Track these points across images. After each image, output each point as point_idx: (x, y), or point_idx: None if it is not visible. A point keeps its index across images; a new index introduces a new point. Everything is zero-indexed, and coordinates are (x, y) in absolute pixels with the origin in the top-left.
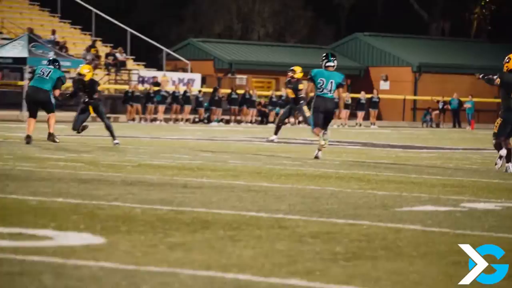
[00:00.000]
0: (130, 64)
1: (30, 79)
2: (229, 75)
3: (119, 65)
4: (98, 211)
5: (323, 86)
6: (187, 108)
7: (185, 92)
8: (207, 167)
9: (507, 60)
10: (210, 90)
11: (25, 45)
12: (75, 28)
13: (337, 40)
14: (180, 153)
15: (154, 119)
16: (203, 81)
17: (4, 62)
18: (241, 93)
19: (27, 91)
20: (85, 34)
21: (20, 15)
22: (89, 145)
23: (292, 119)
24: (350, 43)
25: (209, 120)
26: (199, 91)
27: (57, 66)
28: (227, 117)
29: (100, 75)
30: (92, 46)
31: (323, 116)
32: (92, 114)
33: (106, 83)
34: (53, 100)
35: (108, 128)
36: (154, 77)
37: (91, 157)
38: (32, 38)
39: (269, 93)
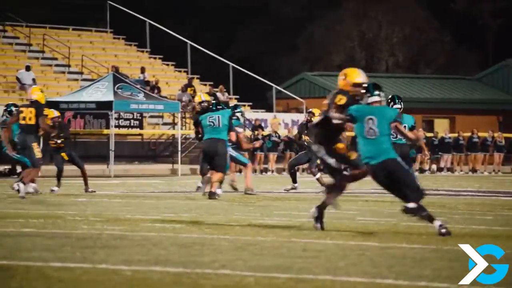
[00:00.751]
0: None
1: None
2: None
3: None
4: (203, 281)
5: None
6: None
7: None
8: (330, 226)
9: None
10: None
11: (110, 87)
12: (167, 65)
13: (484, 69)
14: (298, 210)
15: (265, 170)
16: None
17: (86, 108)
18: None
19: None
20: (179, 71)
21: (103, 51)
22: (188, 203)
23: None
24: (500, 72)
25: None
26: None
27: (221, 108)
28: None
29: None
30: (189, 85)
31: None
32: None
33: None
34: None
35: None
36: (256, 120)
37: (192, 217)
38: (118, 78)
39: None
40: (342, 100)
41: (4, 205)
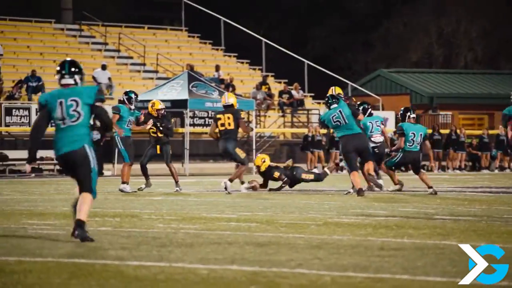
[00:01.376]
0: (309, 103)
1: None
2: (430, 111)
3: (296, 105)
4: (280, 280)
5: (414, 139)
6: None
7: None
8: (407, 224)
9: None
10: None
11: (185, 85)
12: (242, 63)
13: None
14: (374, 208)
15: (341, 168)
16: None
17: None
18: (445, 133)
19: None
20: (254, 69)
21: (178, 49)
22: (263, 201)
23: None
24: None
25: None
26: (394, 133)
27: (336, 102)
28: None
29: (273, 117)
30: (263, 83)
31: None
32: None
33: (281, 126)
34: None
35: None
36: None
37: (267, 215)
38: (193, 76)
39: (480, 132)
40: None
41: None
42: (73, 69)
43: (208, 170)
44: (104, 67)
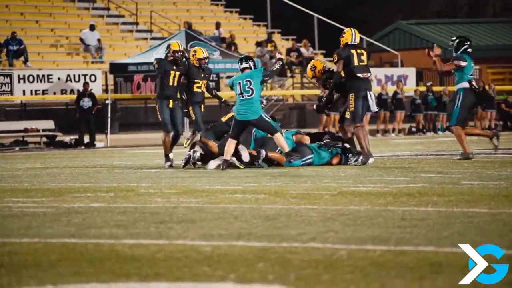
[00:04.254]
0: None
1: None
2: None
3: (306, 64)
4: (291, 256)
5: None
6: (400, 114)
7: (395, 93)
8: (432, 191)
9: None
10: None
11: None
12: (245, 19)
13: None
14: (394, 175)
15: None
16: (419, 77)
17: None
18: None
19: None
20: (258, 25)
21: (174, 6)
22: (271, 171)
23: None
24: None
25: (430, 130)
26: (415, 91)
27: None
28: None
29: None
30: (269, 40)
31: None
32: None
33: (290, 88)
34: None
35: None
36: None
37: (276, 186)
38: (191, 35)
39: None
40: None
41: (71, 178)
42: (248, 60)
43: None
44: (92, 28)
